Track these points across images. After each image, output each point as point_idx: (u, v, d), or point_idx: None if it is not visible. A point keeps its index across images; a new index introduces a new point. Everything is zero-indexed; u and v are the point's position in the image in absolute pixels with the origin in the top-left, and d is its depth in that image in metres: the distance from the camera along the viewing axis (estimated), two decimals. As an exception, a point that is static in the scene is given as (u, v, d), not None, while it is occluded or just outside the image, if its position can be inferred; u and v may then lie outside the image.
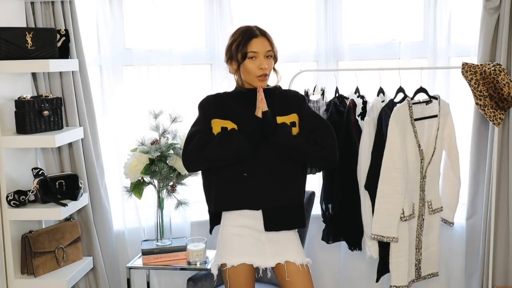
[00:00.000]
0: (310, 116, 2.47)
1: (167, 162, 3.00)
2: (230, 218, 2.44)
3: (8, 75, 2.89)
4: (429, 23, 3.24)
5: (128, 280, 3.11)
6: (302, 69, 3.15)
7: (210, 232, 2.57)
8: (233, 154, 2.33)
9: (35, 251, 2.91)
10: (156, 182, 3.05)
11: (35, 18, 3.05)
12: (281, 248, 2.42)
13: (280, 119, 2.38)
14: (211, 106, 2.44)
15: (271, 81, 2.48)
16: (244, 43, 2.33)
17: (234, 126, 2.37)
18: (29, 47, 2.84)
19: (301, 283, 2.40)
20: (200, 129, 2.41)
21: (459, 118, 3.06)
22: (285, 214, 2.41)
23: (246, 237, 2.41)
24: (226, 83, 3.19)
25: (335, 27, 3.32)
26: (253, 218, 2.41)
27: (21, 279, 2.93)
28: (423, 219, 2.89)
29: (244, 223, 2.41)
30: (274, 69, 2.44)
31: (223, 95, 2.49)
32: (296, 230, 2.51)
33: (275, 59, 2.42)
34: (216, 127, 2.39)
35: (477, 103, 2.90)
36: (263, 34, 2.36)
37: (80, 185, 3.07)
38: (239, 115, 2.38)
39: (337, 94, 3.01)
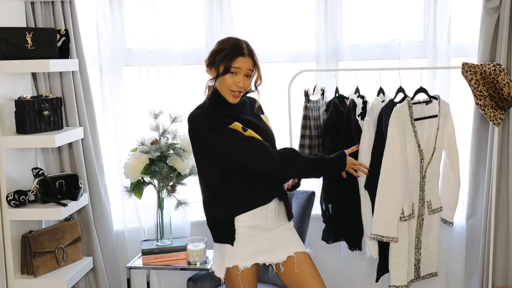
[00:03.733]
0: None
1: (167, 162, 3.00)
2: (241, 220, 2.40)
3: (8, 75, 2.89)
4: (429, 23, 3.24)
5: (128, 280, 3.11)
6: (302, 69, 3.14)
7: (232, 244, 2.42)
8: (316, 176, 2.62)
9: (35, 251, 2.91)
10: (156, 182, 3.05)
11: (35, 18, 3.05)
12: (286, 242, 2.47)
13: (264, 117, 2.51)
14: (216, 114, 2.36)
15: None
16: (230, 58, 2.31)
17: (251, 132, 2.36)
18: (29, 47, 2.84)
19: (311, 271, 2.47)
20: (241, 135, 2.34)
21: (459, 118, 3.06)
22: (288, 204, 2.54)
23: (255, 237, 2.42)
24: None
25: (335, 27, 3.31)
26: (262, 216, 2.42)
27: (21, 279, 2.93)
28: (423, 219, 2.89)
29: (254, 223, 2.41)
30: (256, 88, 2.44)
31: (211, 109, 2.40)
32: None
33: (260, 79, 2.41)
34: (238, 128, 2.34)
35: (477, 103, 2.89)
36: (250, 55, 2.35)
37: (80, 185, 3.07)
38: (245, 123, 2.38)
39: (337, 94, 3.01)
